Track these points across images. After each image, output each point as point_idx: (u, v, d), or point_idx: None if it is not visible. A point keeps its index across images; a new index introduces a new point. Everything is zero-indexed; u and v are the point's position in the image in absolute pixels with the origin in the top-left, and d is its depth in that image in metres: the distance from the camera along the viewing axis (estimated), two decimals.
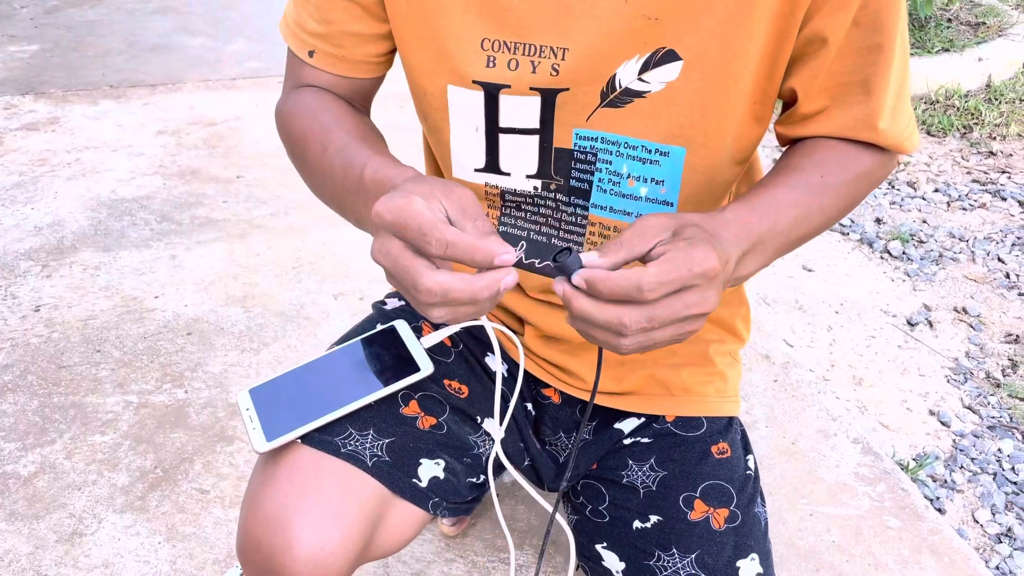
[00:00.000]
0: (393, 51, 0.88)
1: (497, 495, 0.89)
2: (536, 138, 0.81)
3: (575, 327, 0.64)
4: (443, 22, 0.78)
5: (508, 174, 0.84)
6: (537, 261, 0.89)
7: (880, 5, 0.73)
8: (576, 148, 0.81)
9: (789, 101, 0.81)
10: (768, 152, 2.81)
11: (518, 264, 0.90)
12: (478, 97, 0.80)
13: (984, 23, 3.57)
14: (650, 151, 0.79)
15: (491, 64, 0.77)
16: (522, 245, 0.89)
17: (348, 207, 0.78)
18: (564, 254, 0.62)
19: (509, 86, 0.78)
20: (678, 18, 0.72)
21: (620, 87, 0.76)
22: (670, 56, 0.74)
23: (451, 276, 0.60)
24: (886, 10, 0.73)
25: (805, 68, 0.77)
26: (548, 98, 0.78)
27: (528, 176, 0.84)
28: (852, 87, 0.77)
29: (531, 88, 0.77)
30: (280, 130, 0.89)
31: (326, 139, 0.81)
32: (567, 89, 0.77)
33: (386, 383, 0.80)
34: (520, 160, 0.83)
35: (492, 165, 0.84)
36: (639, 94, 0.76)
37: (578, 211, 0.85)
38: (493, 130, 0.82)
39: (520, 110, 0.79)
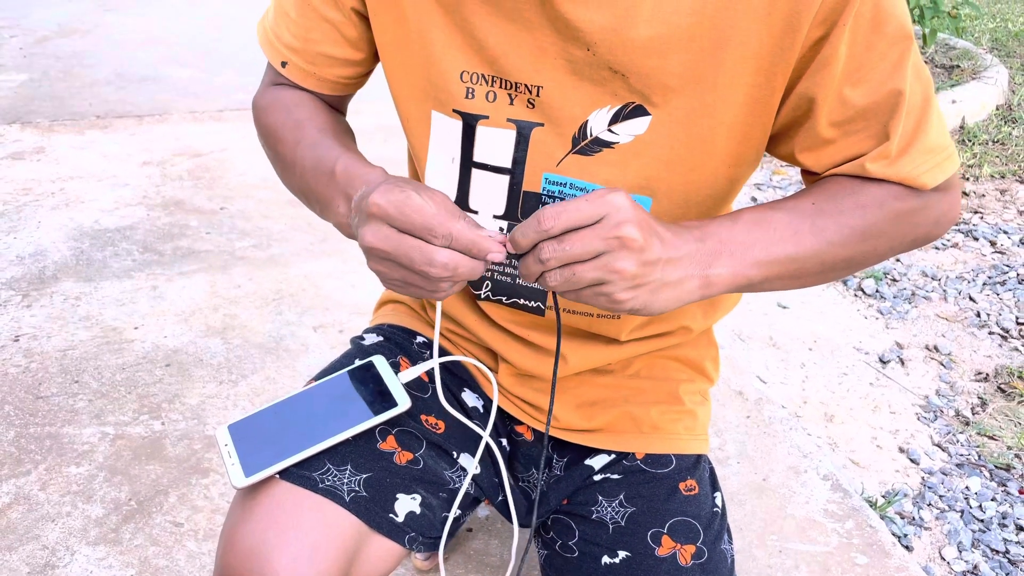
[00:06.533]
0: (366, 75, 0.93)
1: (471, 529, 0.91)
2: (507, 178, 0.83)
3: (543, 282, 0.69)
4: (427, 52, 0.80)
5: (476, 212, 0.86)
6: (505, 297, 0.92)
7: (871, 57, 0.72)
8: (544, 192, 0.83)
9: (791, 162, 0.81)
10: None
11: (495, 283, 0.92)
12: (457, 127, 0.82)
13: (959, 66, 3.67)
14: None
15: (470, 95, 0.80)
16: (493, 274, 0.91)
17: (315, 199, 0.83)
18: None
19: (487, 116, 0.80)
20: (643, 78, 0.75)
21: (591, 135, 0.79)
22: (639, 111, 0.77)
23: (455, 253, 0.68)
24: (877, 60, 0.73)
25: (800, 131, 0.77)
26: (524, 132, 0.80)
27: (495, 216, 0.86)
28: (860, 136, 0.77)
29: (508, 120, 0.80)
30: (256, 121, 0.95)
31: (299, 134, 0.86)
32: (542, 124, 0.80)
33: (364, 418, 0.82)
34: (489, 199, 0.85)
35: (462, 201, 0.86)
36: (608, 144, 0.79)
37: None
38: (467, 164, 0.84)
39: (495, 145, 0.82)
